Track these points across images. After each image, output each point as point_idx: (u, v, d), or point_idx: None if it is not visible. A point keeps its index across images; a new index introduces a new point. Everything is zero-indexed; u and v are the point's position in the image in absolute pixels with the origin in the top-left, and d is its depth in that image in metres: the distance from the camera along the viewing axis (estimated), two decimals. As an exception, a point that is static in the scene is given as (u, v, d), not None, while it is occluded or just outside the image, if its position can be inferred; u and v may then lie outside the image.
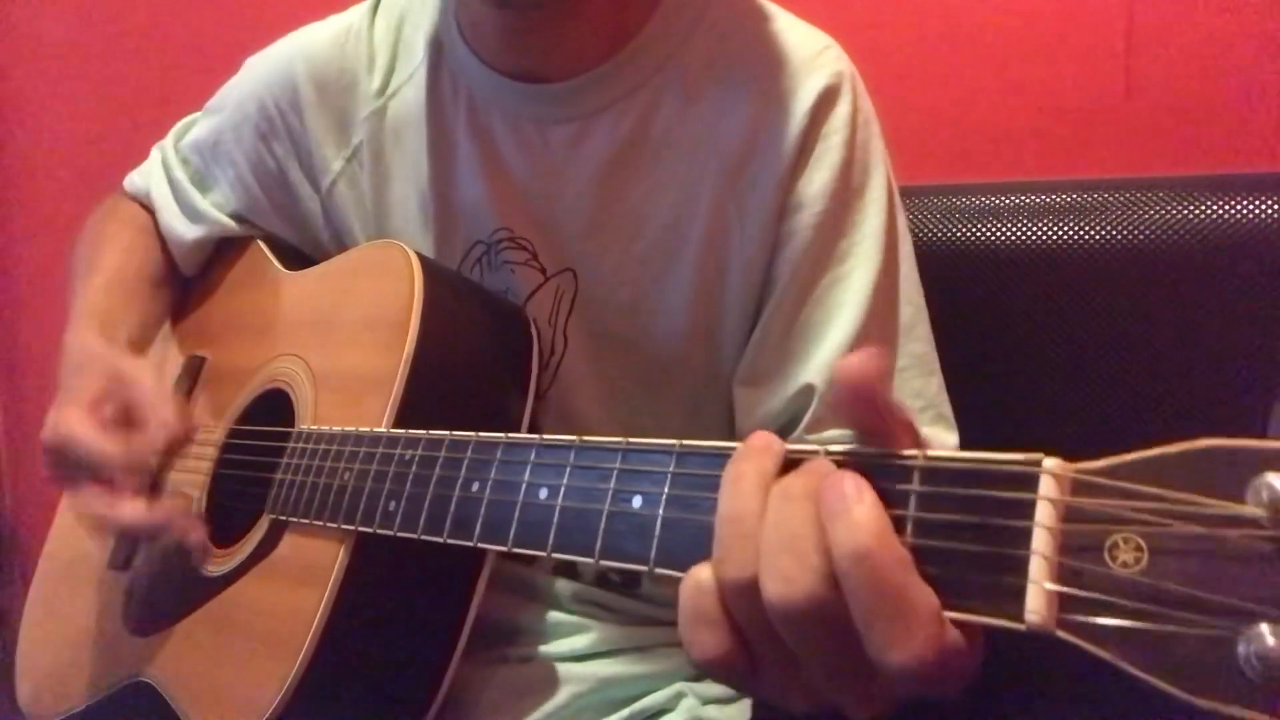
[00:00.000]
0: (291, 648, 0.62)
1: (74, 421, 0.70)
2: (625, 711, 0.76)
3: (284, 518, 0.68)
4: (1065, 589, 0.31)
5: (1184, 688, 0.29)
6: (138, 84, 1.58)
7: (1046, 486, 0.31)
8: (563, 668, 0.77)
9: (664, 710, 0.76)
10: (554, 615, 0.78)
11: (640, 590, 0.80)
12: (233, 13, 1.49)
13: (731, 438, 0.77)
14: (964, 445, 0.71)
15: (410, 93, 0.78)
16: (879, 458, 0.36)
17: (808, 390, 0.70)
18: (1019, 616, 0.31)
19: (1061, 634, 0.30)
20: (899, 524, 0.34)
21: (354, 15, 0.82)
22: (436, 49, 0.77)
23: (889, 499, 0.35)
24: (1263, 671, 0.27)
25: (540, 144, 0.73)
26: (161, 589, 0.78)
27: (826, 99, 0.70)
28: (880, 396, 0.36)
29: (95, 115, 1.63)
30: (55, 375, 0.77)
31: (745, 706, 0.82)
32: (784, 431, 0.73)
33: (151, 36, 1.58)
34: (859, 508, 0.34)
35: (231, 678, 0.67)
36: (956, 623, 0.33)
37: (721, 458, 0.42)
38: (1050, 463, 0.32)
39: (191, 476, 0.80)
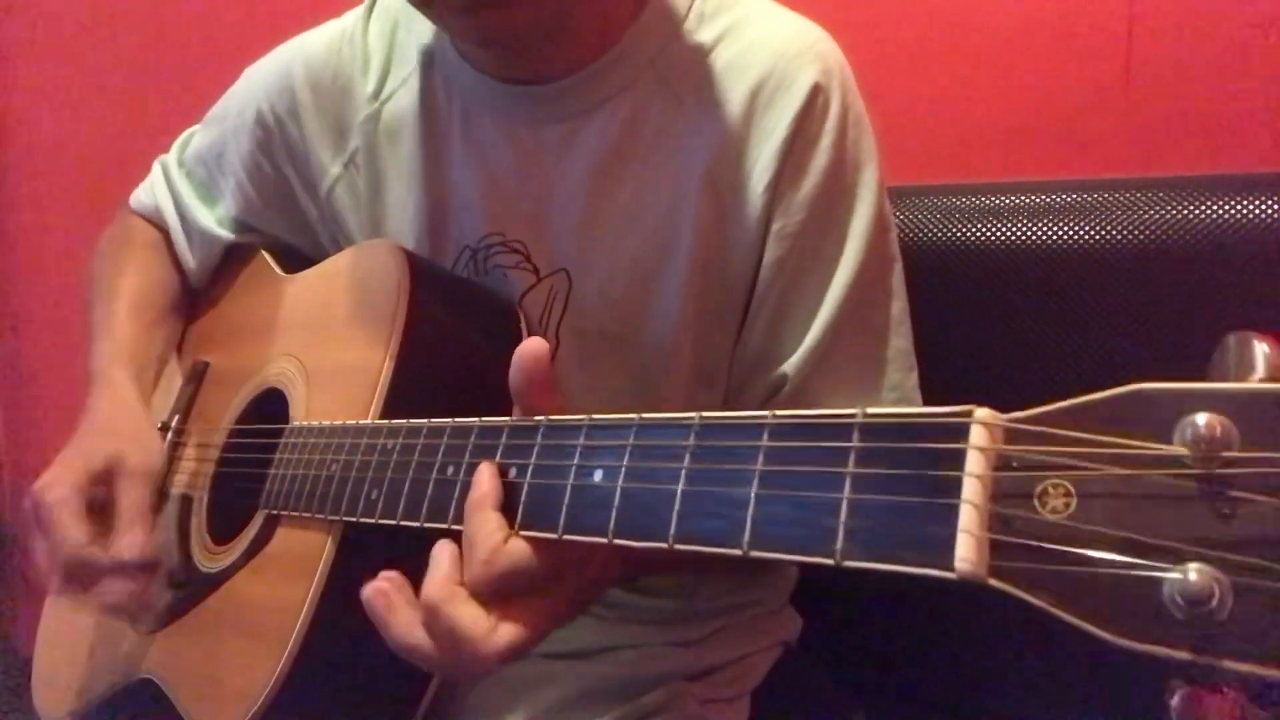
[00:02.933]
0: (280, 640, 0.62)
1: (60, 498, 0.70)
2: (621, 711, 0.75)
3: (276, 511, 0.69)
4: (995, 536, 0.30)
5: (1114, 631, 0.28)
6: (140, 93, 1.61)
7: (976, 435, 0.31)
8: (559, 665, 0.77)
9: (662, 708, 0.76)
10: (551, 613, 0.78)
11: (641, 583, 0.80)
12: (233, 22, 1.51)
13: None
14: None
15: (405, 97, 0.79)
16: (820, 418, 0.36)
17: (781, 379, 0.72)
18: (949, 565, 0.31)
19: (993, 582, 0.30)
20: (838, 480, 0.34)
21: (348, 20, 0.83)
22: (429, 54, 0.78)
23: (830, 457, 0.35)
24: (1186, 610, 0.27)
25: (533, 144, 0.74)
26: (163, 587, 0.79)
27: (814, 99, 0.70)
28: (548, 378, 0.51)
29: (98, 122, 1.66)
30: (56, 376, 0.78)
31: (744, 706, 0.82)
32: None
33: (154, 46, 1.61)
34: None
35: (225, 671, 0.68)
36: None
37: (680, 428, 0.42)
38: (981, 413, 0.32)
39: (195, 478, 0.82)
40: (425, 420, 0.58)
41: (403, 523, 0.57)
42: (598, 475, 0.45)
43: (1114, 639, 0.28)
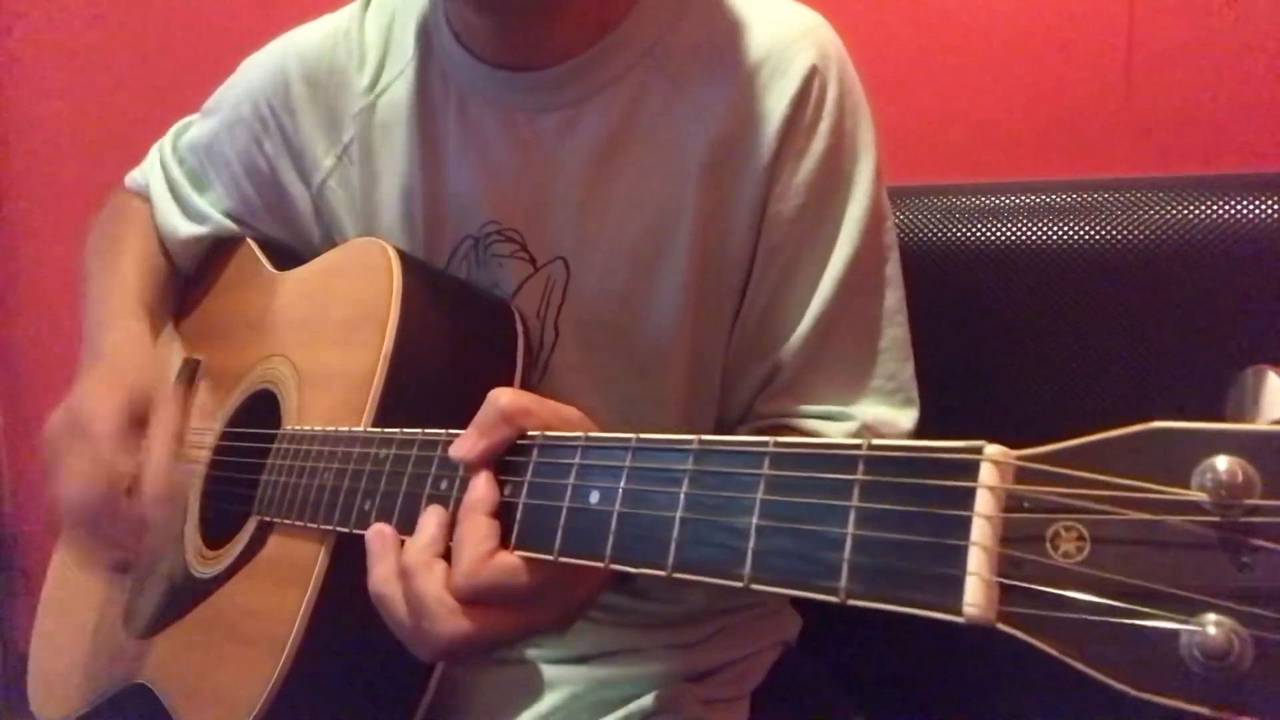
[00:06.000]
0: (275, 648, 0.62)
1: (104, 412, 0.70)
2: (621, 712, 0.75)
3: (270, 518, 0.68)
4: (1005, 580, 0.29)
5: (1127, 681, 0.27)
6: (138, 83, 1.60)
7: (987, 474, 0.30)
8: (558, 669, 0.77)
9: (660, 711, 0.75)
10: (549, 617, 0.78)
11: (638, 586, 0.79)
12: (233, 13, 1.50)
13: None
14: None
15: (400, 89, 0.78)
16: (823, 448, 0.35)
17: (776, 366, 0.72)
18: (957, 609, 0.30)
19: (1002, 626, 0.29)
20: (842, 514, 0.33)
21: (344, 14, 0.82)
22: (426, 45, 0.77)
23: (833, 489, 0.34)
24: (1205, 663, 0.26)
25: (531, 133, 0.73)
26: (158, 591, 0.79)
27: (810, 82, 0.70)
28: (497, 450, 0.51)
29: (96, 115, 1.65)
30: (55, 374, 0.77)
31: (744, 706, 0.81)
32: (751, 404, 0.75)
33: (152, 36, 1.60)
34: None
35: (220, 678, 0.67)
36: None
37: (677, 451, 0.41)
38: (991, 450, 0.31)
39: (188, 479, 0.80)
40: (419, 430, 0.57)
41: (399, 536, 0.56)
42: (594, 497, 0.44)
43: (1130, 690, 0.27)
